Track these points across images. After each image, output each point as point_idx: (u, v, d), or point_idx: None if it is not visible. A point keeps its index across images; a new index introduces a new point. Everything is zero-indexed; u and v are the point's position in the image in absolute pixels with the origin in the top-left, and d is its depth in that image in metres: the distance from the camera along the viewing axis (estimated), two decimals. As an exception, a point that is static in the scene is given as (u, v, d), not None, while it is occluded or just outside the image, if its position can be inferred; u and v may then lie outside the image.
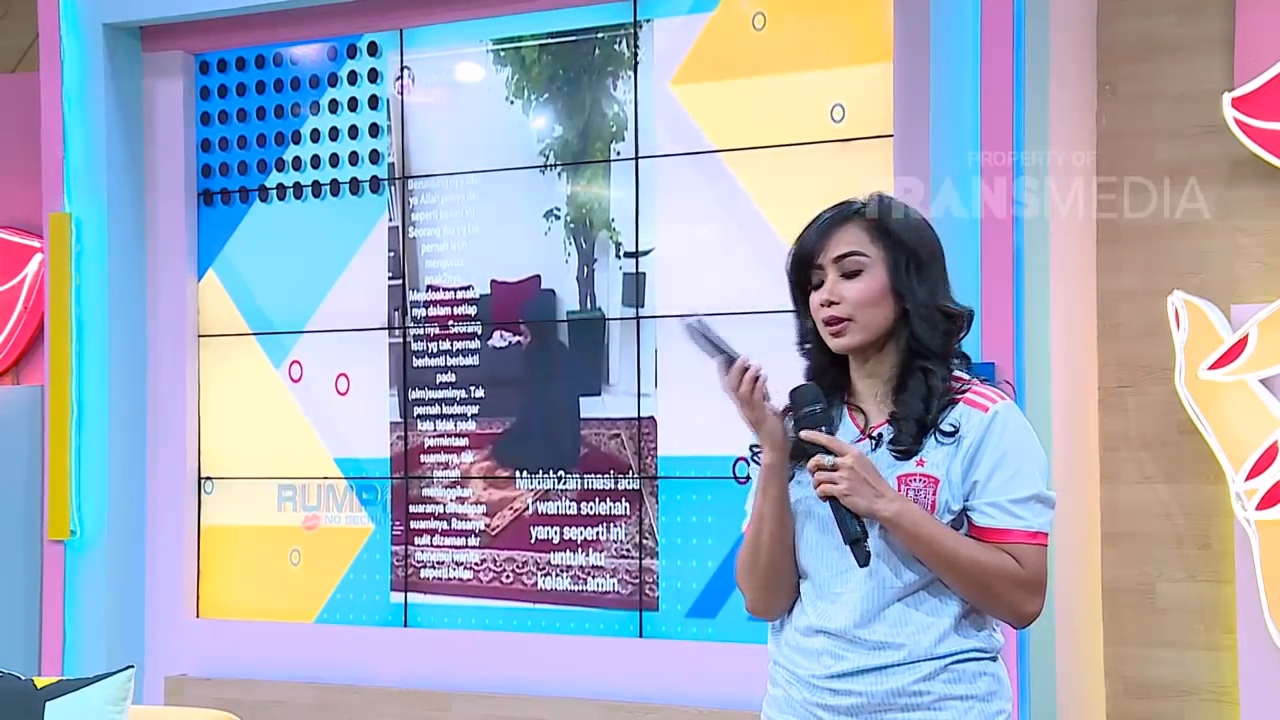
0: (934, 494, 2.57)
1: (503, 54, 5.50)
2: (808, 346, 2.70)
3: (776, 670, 2.70)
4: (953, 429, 2.57)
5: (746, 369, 2.62)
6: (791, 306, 2.71)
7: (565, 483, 5.36)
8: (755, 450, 2.70)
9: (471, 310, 5.54)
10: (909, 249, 2.62)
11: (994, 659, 2.64)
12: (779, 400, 2.64)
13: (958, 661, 2.58)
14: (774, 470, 2.62)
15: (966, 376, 2.64)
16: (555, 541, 5.37)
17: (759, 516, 2.64)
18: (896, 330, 2.61)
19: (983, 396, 2.60)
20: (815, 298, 2.64)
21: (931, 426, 2.58)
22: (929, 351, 2.60)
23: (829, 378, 2.67)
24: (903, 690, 2.56)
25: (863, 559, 2.54)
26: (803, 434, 2.58)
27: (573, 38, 5.40)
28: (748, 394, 2.61)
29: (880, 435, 2.61)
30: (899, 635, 2.57)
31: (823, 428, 2.57)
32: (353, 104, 5.73)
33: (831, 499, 2.54)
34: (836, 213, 2.67)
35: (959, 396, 2.60)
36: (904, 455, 2.58)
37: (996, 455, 2.56)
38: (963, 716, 2.57)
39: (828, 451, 2.55)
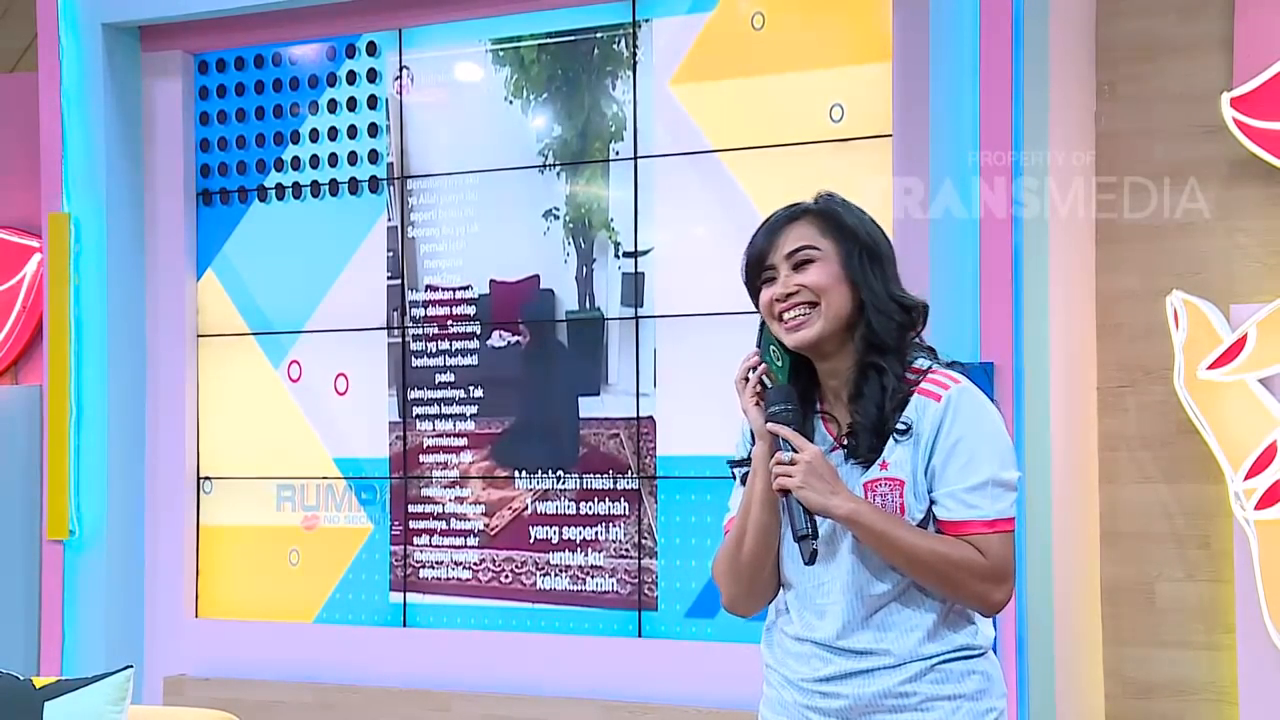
0: (901, 495, 2.56)
1: (501, 54, 5.50)
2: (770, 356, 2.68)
3: (770, 672, 2.71)
4: (906, 426, 2.56)
5: (748, 359, 2.65)
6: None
7: (564, 483, 5.36)
8: (732, 463, 2.72)
9: (470, 310, 5.54)
10: (861, 240, 2.61)
11: (982, 655, 2.63)
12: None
13: (944, 661, 2.58)
14: (764, 460, 2.61)
15: (925, 366, 2.61)
16: (554, 541, 5.37)
17: (746, 504, 2.64)
18: (854, 323, 2.60)
19: (936, 384, 2.58)
20: (766, 295, 2.63)
21: (889, 428, 2.57)
22: (884, 346, 2.58)
23: (798, 387, 2.65)
24: (889, 692, 2.57)
25: (808, 556, 2.54)
26: (768, 425, 2.58)
27: (571, 37, 5.39)
28: (739, 381, 2.64)
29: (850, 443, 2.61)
30: (883, 642, 2.57)
31: (790, 426, 2.58)
32: (351, 104, 5.73)
33: (786, 493, 2.54)
34: (785, 213, 2.66)
35: (913, 389, 2.58)
36: (865, 464, 2.58)
37: (949, 442, 2.55)
38: (950, 716, 2.57)
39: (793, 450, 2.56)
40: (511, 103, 5.48)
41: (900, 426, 2.56)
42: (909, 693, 2.57)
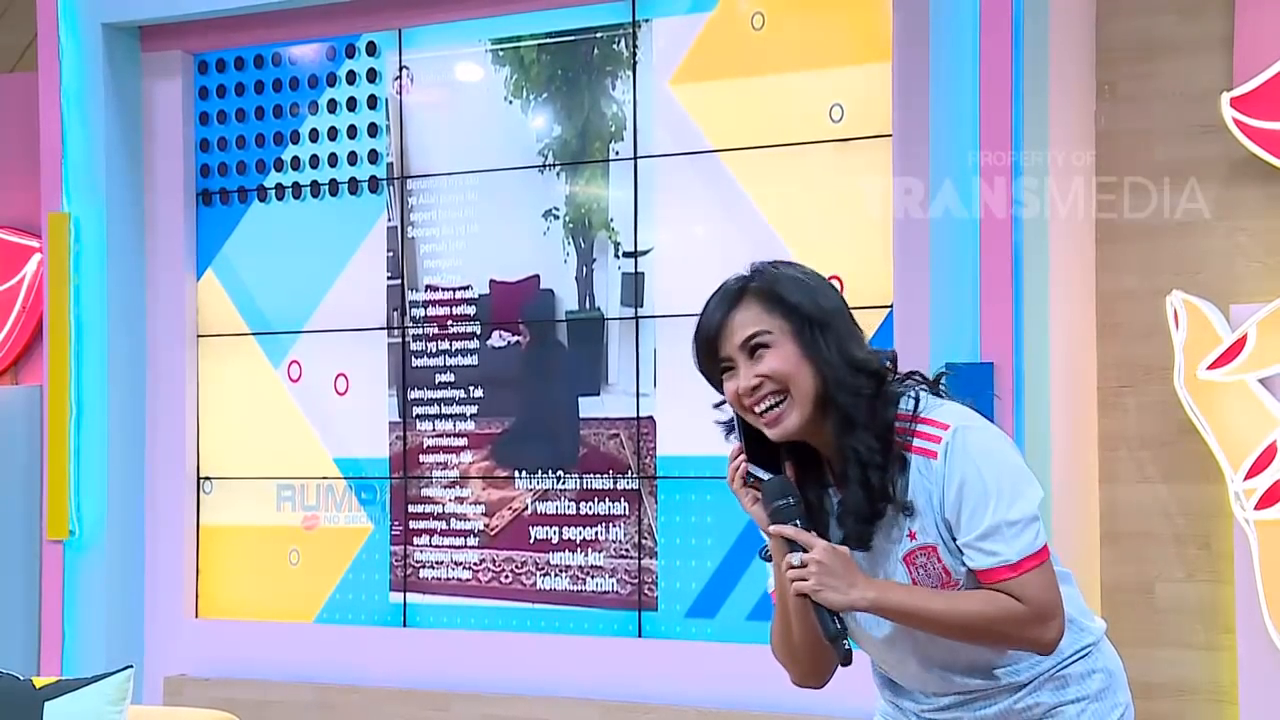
0: (940, 560, 2.46)
1: (501, 54, 5.50)
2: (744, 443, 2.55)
3: (882, 690, 2.67)
4: (911, 502, 2.44)
5: (734, 457, 2.53)
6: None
7: (564, 483, 5.36)
8: (762, 553, 2.61)
9: (470, 310, 5.54)
10: (805, 313, 2.46)
11: (1098, 649, 2.56)
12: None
13: (1063, 667, 2.53)
14: (780, 558, 2.49)
15: (910, 412, 2.46)
16: (554, 541, 5.37)
17: (781, 597, 2.54)
18: (825, 396, 2.45)
19: (928, 439, 2.45)
20: (730, 389, 2.49)
21: (888, 503, 2.44)
22: (855, 423, 2.43)
23: (803, 466, 2.51)
24: (1009, 710, 2.53)
25: (843, 657, 2.41)
26: (771, 529, 2.46)
27: (571, 37, 5.39)
28: (729, 479, 2.53)
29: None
30: (991, 679, 2.53)
31: (796, 521, 2.45)
32: (351, 104, 5.72)
33: (807, 596, 2.42)
34: (724, 295, 2.50)
35: (908, 447, 2.44)
36: (863, 546, 2.46)
37: (953, 493, 2.43)
38: (1077, 719, 2.53)
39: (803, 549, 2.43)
40: (511, 103, 5.48)
41: (907, 502, 2.44)
42: (1031, 705, 2.52)
